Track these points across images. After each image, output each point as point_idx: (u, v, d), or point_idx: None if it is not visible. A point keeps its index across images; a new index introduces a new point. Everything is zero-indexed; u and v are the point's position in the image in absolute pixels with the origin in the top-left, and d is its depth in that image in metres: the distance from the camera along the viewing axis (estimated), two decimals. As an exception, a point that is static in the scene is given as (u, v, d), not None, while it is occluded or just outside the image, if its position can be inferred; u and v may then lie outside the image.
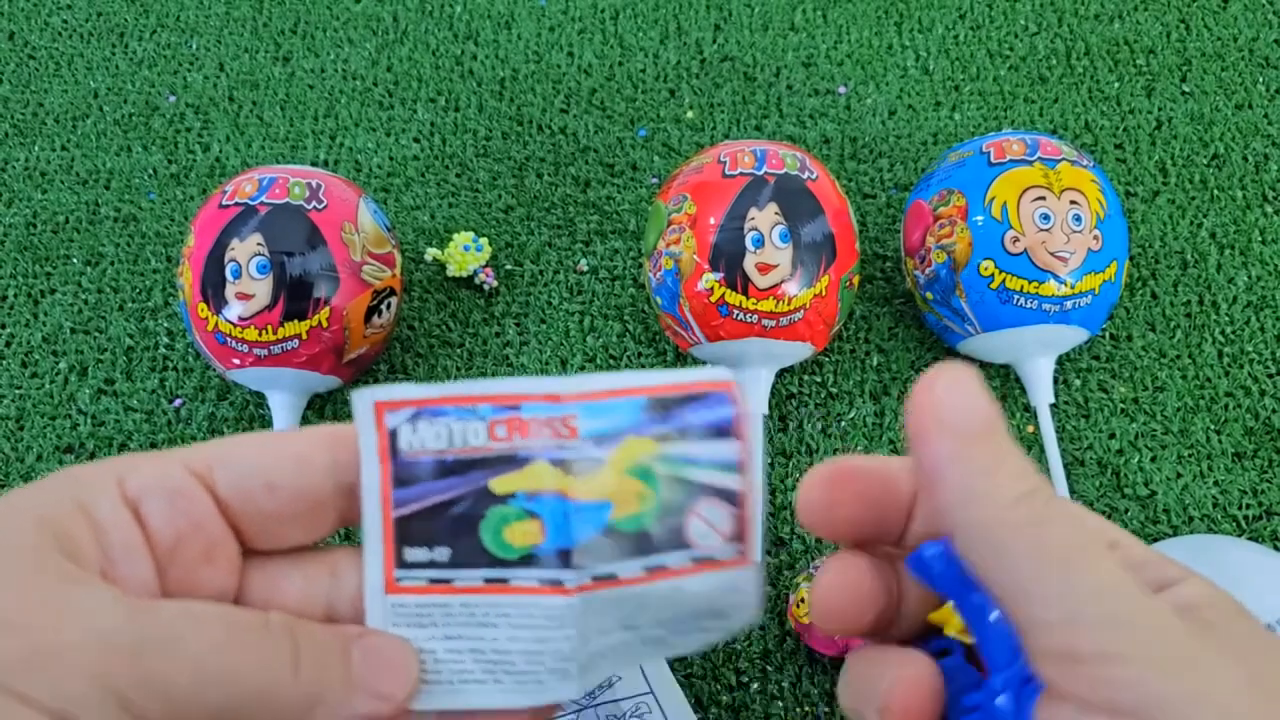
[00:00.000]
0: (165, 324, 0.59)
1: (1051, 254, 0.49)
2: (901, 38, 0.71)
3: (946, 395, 0.17)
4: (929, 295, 0.53)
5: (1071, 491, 0.52)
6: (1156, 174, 0.64)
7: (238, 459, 0.21)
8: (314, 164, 0.66)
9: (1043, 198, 0.50)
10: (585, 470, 0.22)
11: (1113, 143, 0.65)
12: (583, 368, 0.57)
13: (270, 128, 0.68)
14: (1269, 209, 0.62)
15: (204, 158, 0.67)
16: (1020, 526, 0.16)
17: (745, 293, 0.49)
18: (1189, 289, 0.59)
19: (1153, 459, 0.53)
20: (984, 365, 0.56)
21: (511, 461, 0.22)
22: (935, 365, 0.18)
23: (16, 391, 0.57)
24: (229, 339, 0.49)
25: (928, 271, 0.53)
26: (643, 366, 0.57)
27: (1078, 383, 0.56)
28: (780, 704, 0.47)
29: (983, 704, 0.19)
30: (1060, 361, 0.56)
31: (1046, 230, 0.49)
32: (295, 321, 0.49)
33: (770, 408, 0.55)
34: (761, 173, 0.51)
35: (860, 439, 0.54)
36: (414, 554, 0.23)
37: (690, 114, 0.68)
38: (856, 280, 0.53)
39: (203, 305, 0.49)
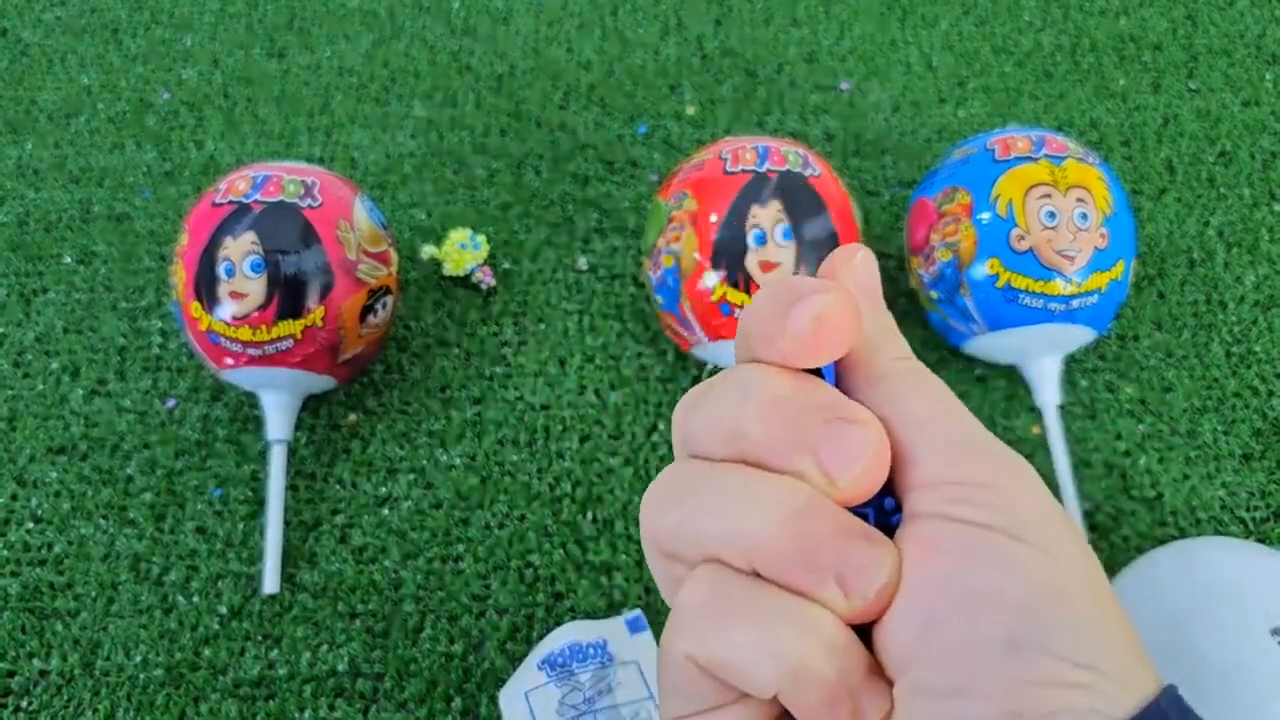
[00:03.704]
0: (158, 323, 0.58)
1: (1057, 252, 0.48)
2: (905, 33, 0.71)
3: (864, 266, 0.21)
4: (933, 294, 0.52)
5: (1079, 493, 0.51)
6: (1163, 171, 0.63)
7: None
8: (309, 161, 0.65)
9: (1049, 195, 0.49)
10: None
11: (1119, 140, 0.65)
12: (582, 368, 0.56)
13: (265, 124, 0.67)
14: (1277, 207, 0.61)
15: (198, 155, 0.66)
16: (908, 374, 0.20)
17: (748, 291, 0.49)
18: (1196, 288, 0.58)
19: (1160, 460, 0.53)
20: (990, 366, 0.56)
21: None
22: (846, 247, 0.21)
23: (8, 392, 0.56)
24: (222, 338, 0.49)
25: (932, 270, 0.52)
26: (642, 367, 0.56)
27: (1084, 383, 0.55)
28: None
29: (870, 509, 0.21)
30: (1066, 362, 0.55)
31: (1052, 228, 0.49)
32: (289, 321, 0.48)
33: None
34: (763, 169, 0.50)
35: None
36: None
37: (691, 110, 0.67)
38: (860, 279, 0.52)
39: (196, 304, 0.49)
